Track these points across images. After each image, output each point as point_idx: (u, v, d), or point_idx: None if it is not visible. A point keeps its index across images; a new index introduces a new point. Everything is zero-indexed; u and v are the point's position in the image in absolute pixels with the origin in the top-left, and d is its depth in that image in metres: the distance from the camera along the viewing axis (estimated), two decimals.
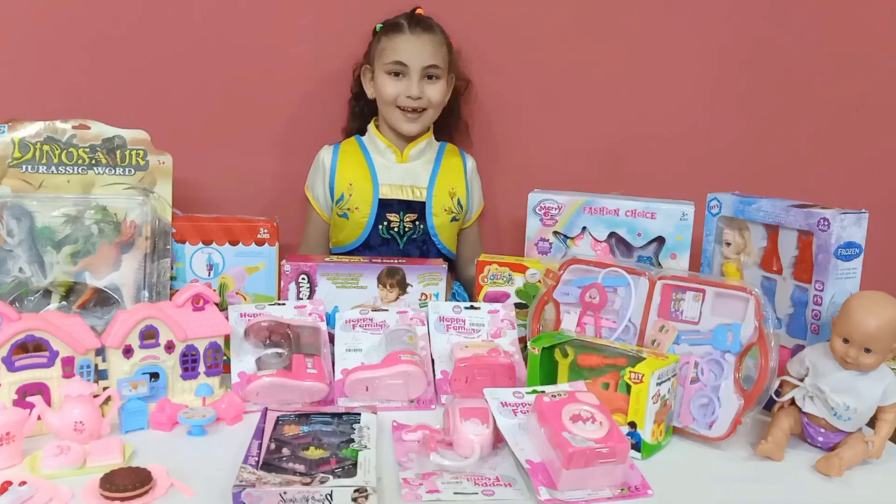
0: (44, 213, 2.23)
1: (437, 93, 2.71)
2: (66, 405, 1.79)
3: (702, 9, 2.98)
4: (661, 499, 1.68)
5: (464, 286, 2.88)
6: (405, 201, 2.74)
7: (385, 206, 2.72)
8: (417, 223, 2.74)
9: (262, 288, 2.39)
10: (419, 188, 2.75)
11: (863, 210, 2.06)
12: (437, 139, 2.88)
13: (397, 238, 2.73)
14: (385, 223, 2.72)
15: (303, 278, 2.36)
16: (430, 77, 2.70)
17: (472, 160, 2.90)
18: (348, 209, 2.72)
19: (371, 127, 2.82)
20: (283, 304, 2.29)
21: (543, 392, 1.82)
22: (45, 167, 2.27)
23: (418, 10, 2.78)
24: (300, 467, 1.67)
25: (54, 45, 2.73)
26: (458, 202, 2.79)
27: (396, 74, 2.69)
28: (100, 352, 1.97)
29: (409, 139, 2.78)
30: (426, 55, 2.68)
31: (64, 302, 2.25)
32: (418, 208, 2.74)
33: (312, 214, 2.83)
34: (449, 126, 2.93)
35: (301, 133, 2.87)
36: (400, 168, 2.77)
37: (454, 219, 2.79)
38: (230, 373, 2.11)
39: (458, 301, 2.50)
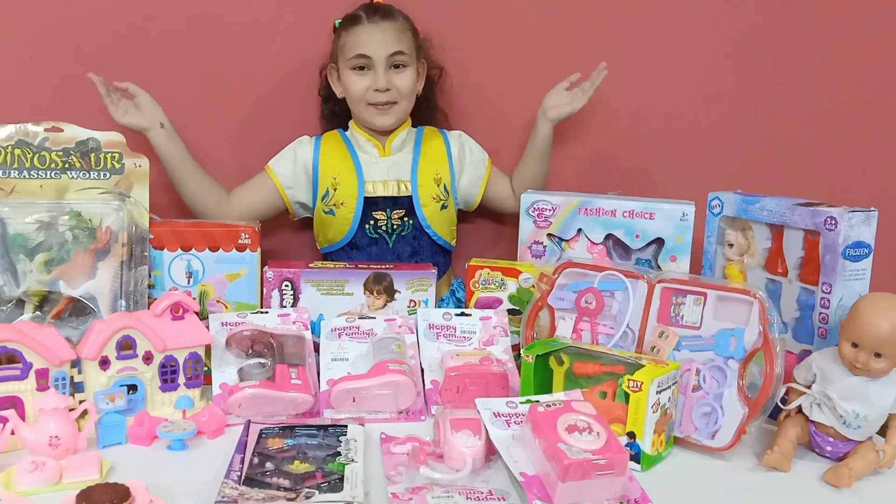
0: (16, 220, 2.24)
1: (405, 81, 2.70)
2: (40, 419, 1.80)
3: None
4: None
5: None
6: (391, 198, 2.72)
7: (371, 203, 2.71)
8: (406, 219, 2.73)
9: (243, 296, 2.40)
10: (404, 182, 2.74)
11: (872, 208, 2.06)
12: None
13: (386, 237, 2.73)
14: (372, 222, 2.71)
15: (286, 285, 2.37)
16: (396, 66, 2.69)
17: (455, 134, 2.87)
18: (334, 205, 2.71)
19: (351, 123, 2.82)
20: (266, 312, 2.31)
21: (538, 402, 1.82)
22: (16, 172, 2.27)
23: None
24: (285, 482, 1.67)
25: (25, 44, 2.73)
26: (445, 188, 2.76)
27: (361, 69, 2.68)
28: (75, 363, 1.98)
29: (389, 131, 2.77)
30: (389, 43, 2.66)
31: (38, 312, 2.25)
32: (406, 203, 2.73)
33: (266, 184, 2.78)
34: (426, 118, 2.91)
35: (284, 133, 2.84)
36: (384, 162, 2.76)
37: (443, 206, 2.76)
38: (211, 384, 2.12)
39: (458, 297, 2.49)
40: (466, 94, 2.94)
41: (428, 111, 2.91)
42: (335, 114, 2.87)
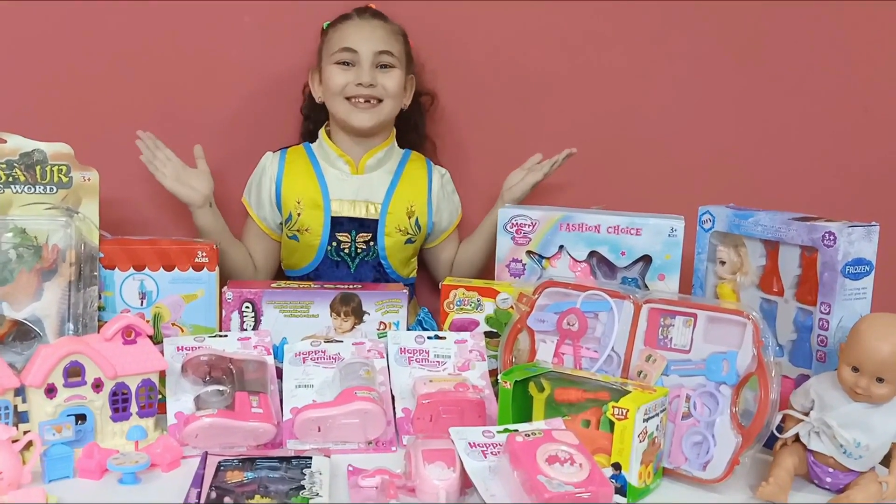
0: None
1: (392, 82, 2.68)
2: None
3: (692, 1, 2.98)
4: None
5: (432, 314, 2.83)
6: (357, 219, 2.71)
7: (335, 224, 2.70)
8: (371, 244, 2.72)
9: (201, 318, 2.38)
10: (374, 204, 2.72)
11: (873, 222, 2.07)
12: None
13: (348, 261, 2.72)
14: (335, 244, 2.71)
15: (246, 307, 2.36)
16: (384, 66, 2.68)
17: (440, 172, 2.87)
18: (297, 231, 2.70)
19: (322, 133, 2.79)
20: (225, 335, 2.29)
21: (516, 431, 1.83)
22: None
23: (371, 5, 2.77)
24: None
25: None
26: (416, 222, 2.76)
27: (346, 64, 2.66)
28: (19, 392, 1.96)
29: (366, 147, 2.75)
30: (377, 40, 2.66)
31: None
32: (372, 227, 2.72)
33: (253, 228, 2.80)
34: (412, 144, 2.90)
35: (244, 145, 2.84)
36: (355, 181, 2.74)
37: (409, 241, 2.76)
38: (166, 413, 2.10)
39: (425, 328, 2.48)
40: (459, 126, 2.95)
41: (416, 139, 2.91)
42: (311, 132, 2.85)
